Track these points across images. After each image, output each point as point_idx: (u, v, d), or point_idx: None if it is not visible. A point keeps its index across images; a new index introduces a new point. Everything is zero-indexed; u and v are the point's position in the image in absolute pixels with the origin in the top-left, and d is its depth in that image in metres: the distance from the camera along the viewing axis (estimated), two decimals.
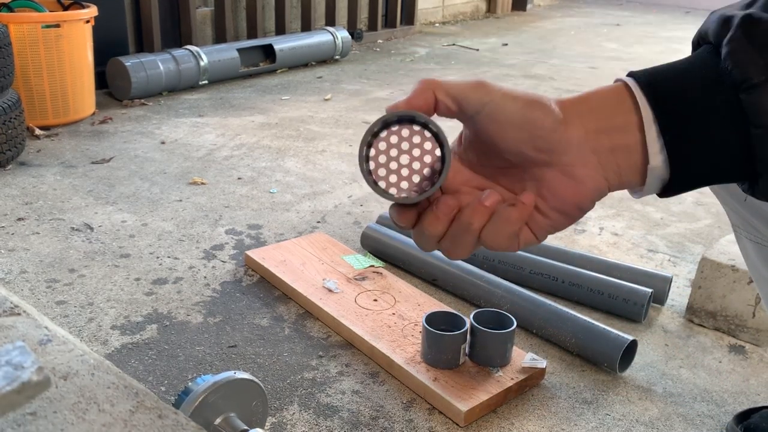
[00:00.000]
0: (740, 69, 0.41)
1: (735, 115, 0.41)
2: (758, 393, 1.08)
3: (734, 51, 0.41)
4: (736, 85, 0.41)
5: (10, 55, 1.89)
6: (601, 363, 1.10)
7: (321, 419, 0.97)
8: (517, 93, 0.45)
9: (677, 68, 0.44)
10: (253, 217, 1.65)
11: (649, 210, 1.79)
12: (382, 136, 0.47)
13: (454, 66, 3.64)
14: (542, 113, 0.44)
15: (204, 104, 2.68)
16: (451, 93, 0.45)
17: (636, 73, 0.45)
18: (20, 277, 1.32)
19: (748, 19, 0.42)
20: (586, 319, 1.14)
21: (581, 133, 0.45)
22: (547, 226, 0.47)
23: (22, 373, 0.40)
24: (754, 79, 0.40)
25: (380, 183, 0.47)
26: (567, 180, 0.45)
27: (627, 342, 1.08)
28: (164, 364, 1.08)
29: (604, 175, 0.45)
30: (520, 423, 0.98)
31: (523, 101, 0.45)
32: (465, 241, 0.47)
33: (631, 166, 0.45)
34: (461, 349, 1.04)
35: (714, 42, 0.44)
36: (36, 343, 0.54)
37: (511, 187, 0.49)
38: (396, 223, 0.49)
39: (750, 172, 0.43)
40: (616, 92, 0.45)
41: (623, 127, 0.44)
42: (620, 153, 0.44)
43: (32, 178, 1.84)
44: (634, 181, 0.45)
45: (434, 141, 0.47)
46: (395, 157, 0.47)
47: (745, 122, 0.41)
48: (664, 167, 0.44)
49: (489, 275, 1.28)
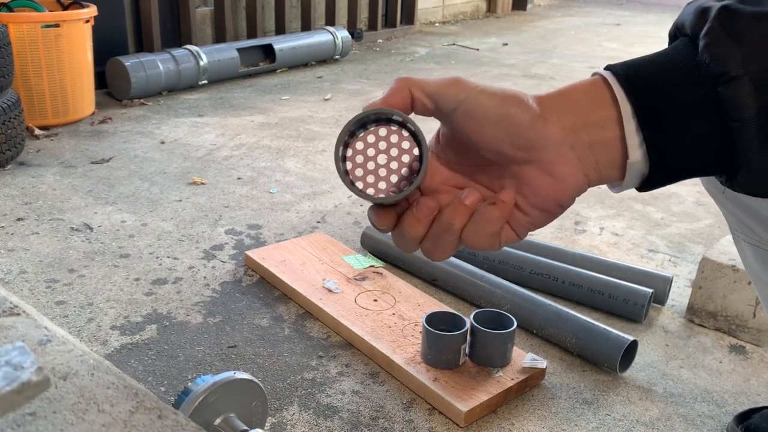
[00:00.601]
0: (717, 62, 0.40)
1: (713, 109, 0.41)
2: (759, 393, 1.08)
3: (711, 43, 0.41)
4: (713, 78, 0.41)
5: (9, 55, 1.89)
6: (602, 363, 1.10)
7: (321, 419, 0.97)
8: (493, 90, 0.45)
9: (655, 61, 0.44)
10: (253, 217, 1.65)
11: (650, 210, 1.79)
12: (359, 135, 0.46)
13: (454, 66, 3.64)
14: (520, 110, 0.44)
15: (204, 104, 2.68)
16: (427, 91, 0.45)
17: (614, 67, 0.44)
18: (20, 277, 1.32)
19: (725, 11, 0.41)
20: (586, 320, 1.14)
21: (559, 129, 0.44)
22: (528, 224, 0.47)
23: (21, 374, 0.40)
24: (731, 72, 0.40)
25: (357, 183, 0.46)
26: (546, 177, 0.45)
27: (627, 342, 1.08)
28: (164, 364, 1.08)
29: (584, 171, 0.45)
30: (521, 423, 0.98)
31: (500, 98, 0.44)
32: (446, 241, 0.47)
33: (610, 162, 0.44)
34: (461, 349, 1.04)
35: (691, 34, 0.44)
36: (36, 344, 0.54)
37: (490, 185, 0.48)
38: (375, 226, 0.49)
39: (729, 165, 0.42)
40: (595, 86, 0.44)
41: (602, 122, 0.44)
42: (599, 148, 0.44)
43: (32, 178, 1.84)
44: (614, 175, 0.45)
45: (412, 140, 0.46)
46: (372, 157, 0.46)
47: (723, 115, 0.41)
48: (643, 162, 0.44)
49: (489, 275, 1.28)
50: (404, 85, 0.45)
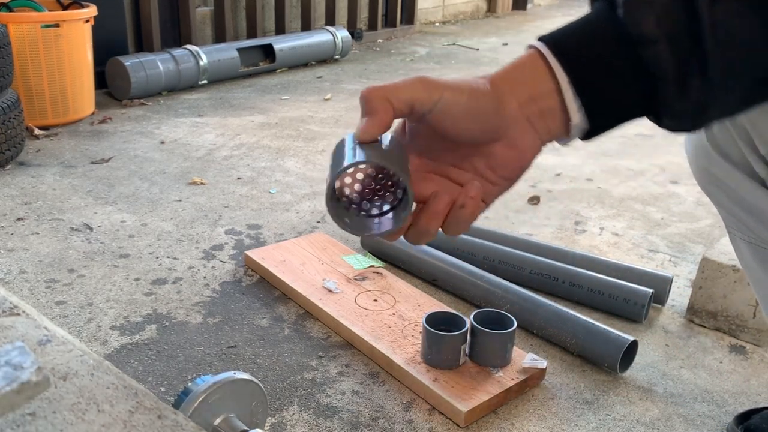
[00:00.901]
0: (635, 26, 0.44)
1: (637, 70, 0.45)
2: (759, 393, 1.08)
3: (629, 8, 0.44)
4: (634, 41, 0.44)
5: (9, 55, 1.89)
6: (602, 363, 1.10)
7: (321, 420, 0.97)
8: (459, 85, 0.48)
9: (581, 27, 0.47)
10: (253, 217, 1.65)
11: (650, 210, 1.79)
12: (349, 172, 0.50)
13: (454, 65, 3.64)
14: (485, 100, 0.48)
15: (204, 104, 2.68)
16: (403, 98, 0.48)
17: (545, 38, 0.48)
18: (20, 277, 1.32)
19: None
20: (586, 320, 1.14)
21: (516, 106, 0.48)
22: (497, 193, 0.52)
23: (21, 374, 0.40)
24: (648, 35, 0.44)
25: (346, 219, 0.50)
26: (511, 151, 0.50)
27: (628, 342, 1.08)
28: (164, 364, 1.08)
29: (539, 137, 0.50)
30: (521, 423, 0.98)
31: (467, 93, 0.48)
32: (425, 239, 0.52)
33: (558, 125, 0.49)
34: (461, 349, 1.04)
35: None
36: (35, 344, 0.54)
37: (460, 164, 0.52)
38: None
39: (655, 112, 0.47)
40: (532, 60, 0.48)
41: (546, 93, 0.48)
42: (548, 115, 0.48)
43: (31, 178, 1.84)
44: (562, 134, 0.50)
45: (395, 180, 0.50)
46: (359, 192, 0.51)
47: (646, 74, 0.45)
48: (584, 121, 0.48)
49: (489, 275, 1.28)
50: (383, 99, 0.48)
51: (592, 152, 2.25)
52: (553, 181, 1.98)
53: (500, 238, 1.45)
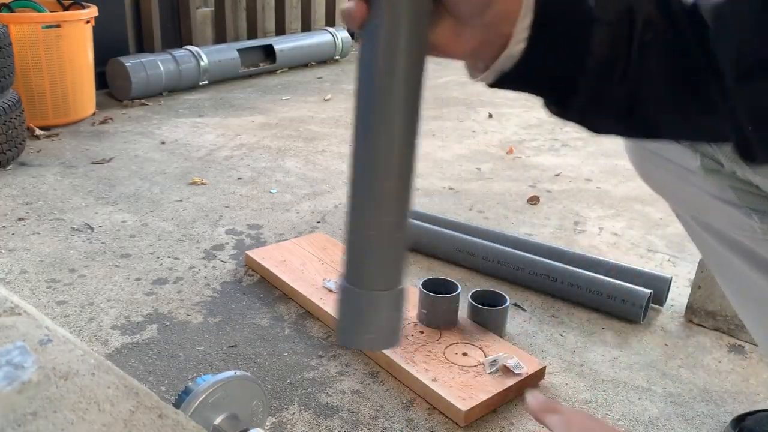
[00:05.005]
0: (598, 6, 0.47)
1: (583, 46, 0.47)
2: (757, 393, 1.08)
3: None
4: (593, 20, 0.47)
5: (10, 56, 1.89)
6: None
7: (321, 419, 0.97)
8: None
9: None
10: (253, 217, 1.65)
11: (649, 210, 1.79)
12: None
13: (454, 65, 3.64)
14: None
15: (204, 104, 2.68)
16: None
17: None
18: (21, 277, 1.32)
19: None
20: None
21: None
22: None
23: (22, 373, 0.40)
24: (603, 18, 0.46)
25: None
26: None
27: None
28: (164, 364, 1.08)
29: None
30: (520, 423, 0.99)
31: None
32: None
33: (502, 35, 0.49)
34: (455, 309, 1.16)
35: None
36: (36, 343, 0.54)
37: None
38: None
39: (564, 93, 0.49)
40: None
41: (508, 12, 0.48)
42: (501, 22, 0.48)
43: (32, 178, 1.84)
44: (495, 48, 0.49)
45: None
46: None
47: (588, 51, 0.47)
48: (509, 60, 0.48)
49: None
50: None
51: (592, 152, 2.26)
52: (552, 182, 1.98)
53: (500, 238, 1.46)
